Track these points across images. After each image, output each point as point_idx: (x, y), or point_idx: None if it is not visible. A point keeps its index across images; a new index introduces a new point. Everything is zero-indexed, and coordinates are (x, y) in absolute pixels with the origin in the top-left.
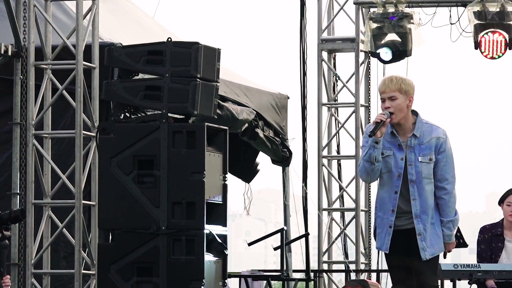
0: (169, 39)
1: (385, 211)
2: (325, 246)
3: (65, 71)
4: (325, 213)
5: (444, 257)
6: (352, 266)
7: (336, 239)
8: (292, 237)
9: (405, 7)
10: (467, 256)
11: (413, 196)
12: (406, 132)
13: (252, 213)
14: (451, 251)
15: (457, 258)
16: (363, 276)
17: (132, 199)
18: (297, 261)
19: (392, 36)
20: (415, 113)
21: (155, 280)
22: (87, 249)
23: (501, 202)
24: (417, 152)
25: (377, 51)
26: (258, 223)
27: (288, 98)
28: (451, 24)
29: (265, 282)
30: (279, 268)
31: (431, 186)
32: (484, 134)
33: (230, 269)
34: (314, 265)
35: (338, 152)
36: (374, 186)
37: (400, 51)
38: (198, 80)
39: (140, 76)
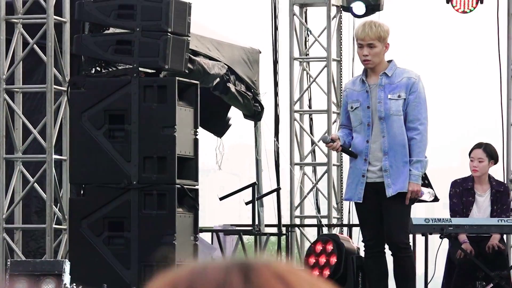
0: None
1: (358, 161)
2: (297, 201)
3: (36, 26)
4: (297, 167)
5: (406, 201)
6: (324, 221)
7: (308, 193)
8: (264, 191)
9: None
10: (441, 211)
11: (383, 133)
12: (377, 73)
13: (226, 168)
14: (415, 195)
15: (431, 213)
16: (335, 231)
17: (103, 154)
18: (269, 216)
19: None
20: (390, 61)
21: (127, 234)
22: (58, 204)
23: (469, 156)
24: (387, 90)
25: (350, 5)
26: (232, 178)
27: (260, 52)
28: None
29: (237, 236)
30: (251, 223)
31: (400, 122)
32: (456, 89)
33: (204, 224)
34: (286, 220)
35: (309, 106)
36: None
37: (373, 5)
38: (169, 34)
39: (111, 30)
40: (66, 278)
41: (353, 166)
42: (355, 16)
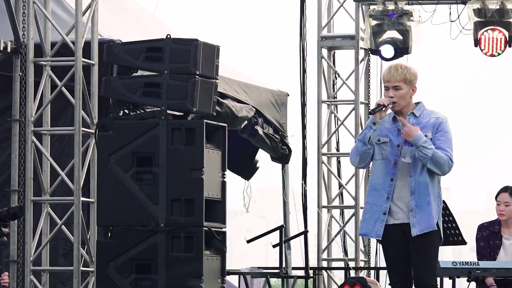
0: (168, 36)
1: (378, 197)
2: (324, 244)
3: (64, 68)
4: (324, 210)
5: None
6: (352, 264)
7: (335, 236)
8: (292, 234)
9: (405, 4)
10: (468, 254)
11: (410, 173)
12: (405, 114)
13: (253, 210)
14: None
15: (458, 256)
16: (362, 274)
17: (130, 196)
18: (296, 259)
19: (391, 34)
20: (418, 103)
21: (154, 277)
22: (86, 246)
23: (495, 200)
24: None
25: (379, 48)
26: (259, 220)
27: (288, 95)
28: (451, 21)
29: (264, 279)
30: (278, 265)
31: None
32: (485, 131)
33: (231, 266)
34: (313, 262)
35: (337, 149)
36: None
37: (401, 48)
38: (197, 77)
39: (139, 73)
40: None
41: (371, 202)
42: (383, 59)
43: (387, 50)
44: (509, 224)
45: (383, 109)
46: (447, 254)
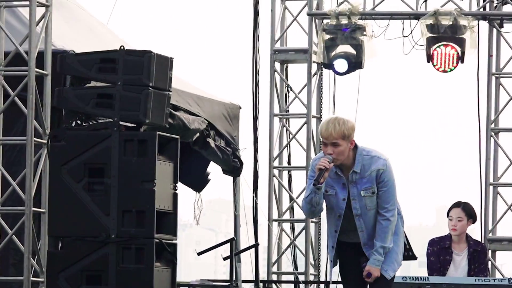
0: (122, 47)
1: (330, 232)
2: (274, 257)
3: (17, 78)
4: (275, 223)
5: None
6: (302, 277)
7: (285, 250)
8: (242, 247)
9: (358, 19)
10: (416, 269)
11: (361, 228)
12: (348, 169)
13: (203, 223)
14: (370, 278)
15: (406, 271)
16: None
17: (82, 207)
18: (246, 272)
19: (345, 48)
20: (355, 146)
21: None
22: (36, 257)
23: (447, 215)
24: (360, 186)
25: (332, 62)
26: (208, 233)
27: (240, 108)
28: (404, 36)
29: None
30: (228, 278)
31: (376, 215)
32: (435, 147)
33: (180, 278)
34: (263, 275)
35: (289, 163)
36: None
37: (354, 63)
38: (150, 88)
39: (93, 83)
40: None
41: (329, 245)
42: (337, 73)
43: (341, 65)
44: (460, 239)
45: (326, 170)
46: None
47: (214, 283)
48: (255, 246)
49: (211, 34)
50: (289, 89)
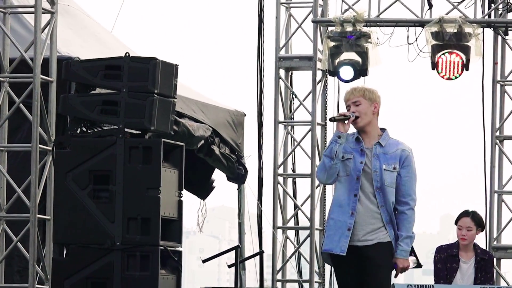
0: (127, 54)
1: (342, 213)
2: (279, 265)
3: (23, 84)
4: (279, 231)
5: (396, 275)
6: (306, 285)
7: (290, 257)
8: (247, 255)
9: (363, 26)
10: (420, 277)
11: (381, 203)
12: (371, 140)
13: (206, 230)
14: (405, 270)
15: (410, 278)
16: None
17: (87, 214)
18: (251, 279)
19: (349, 55)
20: (383, 129)
21: None
22: (41, 264)
23: (455, 224)
24: (382, 160)
25: (337, 70)
26: (212, 240)
27: (245, 115)
28: (409, 44)
29: None
30: (232, 285)
31: (393, 196)
32: (439, 155)
33: (183, 286)
34: (268, 283)
35: (293, 170)
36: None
37: (359, 70)
38: (155, 95)
39: (98, 90)
40: None
41: (335, 218)
42: (342, 80)
43: (346, 72)
44: (468, 248)
45: (346, 121)
46: (398, 277)
47: None
48: (260, 253)
49: (215, 41)
50: (293, 96)
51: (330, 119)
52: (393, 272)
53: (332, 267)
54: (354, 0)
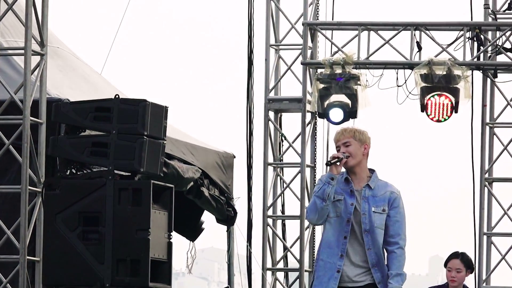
0: (117, 96)
1: (332, 255)
2: None
3: (12, 126)
4: (269, 273)
5: None
6: None
7: None
8: None
9: (352, 68)
10: None
11: (368, 245)
12: (360, 181)
13: (195, 272)
14: None
15: None
16: None
17: (76, 256)
18: None
19: (338, 97)
20: (372, 170)
21: None
22: None
23: (444, 266)
24: (371, 203)
25: (326, 112)
26: (201, 282)
27: (234, 157)
28: (398, 86)
29: None
30: None
31: (382, 237)
32: (428, 197)
33: None
34: None
35: (283, 212)
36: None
37: (348, 112)
38: (145, 137)
39: (87, 132)
40: None
41: (324, 259)
42: (332, 123)
43: (336, 114)
44: None
45: (338, 163)
46: None
47: None
48: None
49: (205, 82)
50: (283, 138)
51: (326, 164)
52: None
53: None
54: (343, 42)
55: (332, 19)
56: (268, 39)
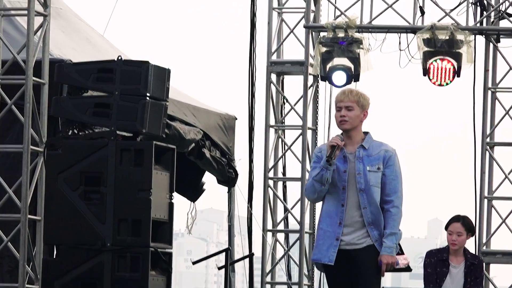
0: (120, 57)
1: (331, 224)
2: (268, 267)
3: (15, 86)
4: (269, 234)
5: (382, 274)
6: None
7: (279, 260)
8: (236, 257)
9: (355, 32)
10: (407, 281)
11: (363, 204)
12: (354, 144)
13: (194, 232)
14: (390, 267)
15: (397, 282)
16: None
17: (78, 215)
18: (240, 282)
19: (341, 61)
20: (366, 132)
21: None
22: (31, 264)
23: (445, 229)
24: (366, 162)
25: (329, 75)
26: (200, 242)
27: (236, 119)
28: (400, 50)
29: None
30: (221, 287)
31: (378, 194)
32: (429, 160)
33: (172, 287)
34: (257, 285)
35: (284, 174)
36: (319, 207)
37: (351, 76)
38: (147, 98)
39: (90, 93)
40: None
41: (324, 228)
42: (334, 85)
43: (339, 77)
44: (458, 253)
45: (338, 148)
46: (386, 281)
47: None
48: (250, 256)
49: (207, 45)
50: (285, 100)
51: (327, 160)
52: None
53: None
54: (346, 6)
55: None
56: (271, 1)
